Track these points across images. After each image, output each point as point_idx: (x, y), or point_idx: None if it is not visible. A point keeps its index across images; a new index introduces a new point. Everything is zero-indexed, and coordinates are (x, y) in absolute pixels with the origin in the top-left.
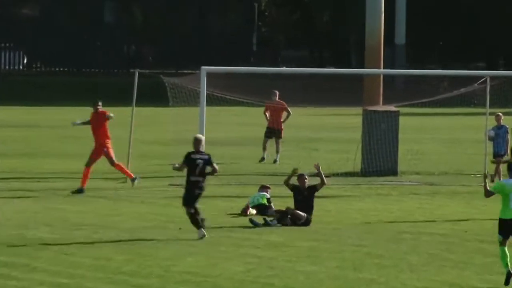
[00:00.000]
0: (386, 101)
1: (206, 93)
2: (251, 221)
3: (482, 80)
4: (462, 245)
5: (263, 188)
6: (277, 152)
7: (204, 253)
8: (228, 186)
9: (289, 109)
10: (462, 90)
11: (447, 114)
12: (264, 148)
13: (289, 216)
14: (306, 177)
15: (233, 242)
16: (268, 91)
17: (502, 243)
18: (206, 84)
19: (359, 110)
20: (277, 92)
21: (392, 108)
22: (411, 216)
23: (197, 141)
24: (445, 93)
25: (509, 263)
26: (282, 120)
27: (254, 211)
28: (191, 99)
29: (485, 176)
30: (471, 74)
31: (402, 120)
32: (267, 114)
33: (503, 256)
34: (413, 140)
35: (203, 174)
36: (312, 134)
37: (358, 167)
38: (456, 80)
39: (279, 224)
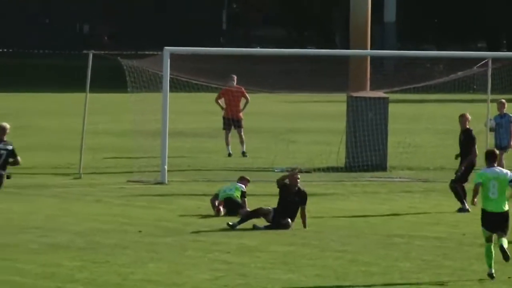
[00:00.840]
0: (374, 87)
1: (170, 77)
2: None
3: (482, 62)
4: (459, 250)
5: (242, 180)
6: (242, 143)
7: (167, 259)
8: (194, 183)
9: (247, 95)
10: (460, 73)
11: (443, 101)
12: (227, 143)
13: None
14: (299, 176)
15: (200, 247)
16: (241, 75)
17: (489, 239)
18: (170, 67)
19: (343, 96)
20: (235, 77)
21: (380, 94)
22: (402, 217)
23: (1, 130)
24: (441, 77)
25: (493, 264)
26: (241, 108)
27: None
28: (152, 84)
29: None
30: (470, 55)
31: (392, 107)
32: (221, 102)
33: (488, 254)
34: (404, 131)
35: (4, 166)
36: (290, 124)
37: (342, 161)
38: (454, 63)
39: (272, 228)
